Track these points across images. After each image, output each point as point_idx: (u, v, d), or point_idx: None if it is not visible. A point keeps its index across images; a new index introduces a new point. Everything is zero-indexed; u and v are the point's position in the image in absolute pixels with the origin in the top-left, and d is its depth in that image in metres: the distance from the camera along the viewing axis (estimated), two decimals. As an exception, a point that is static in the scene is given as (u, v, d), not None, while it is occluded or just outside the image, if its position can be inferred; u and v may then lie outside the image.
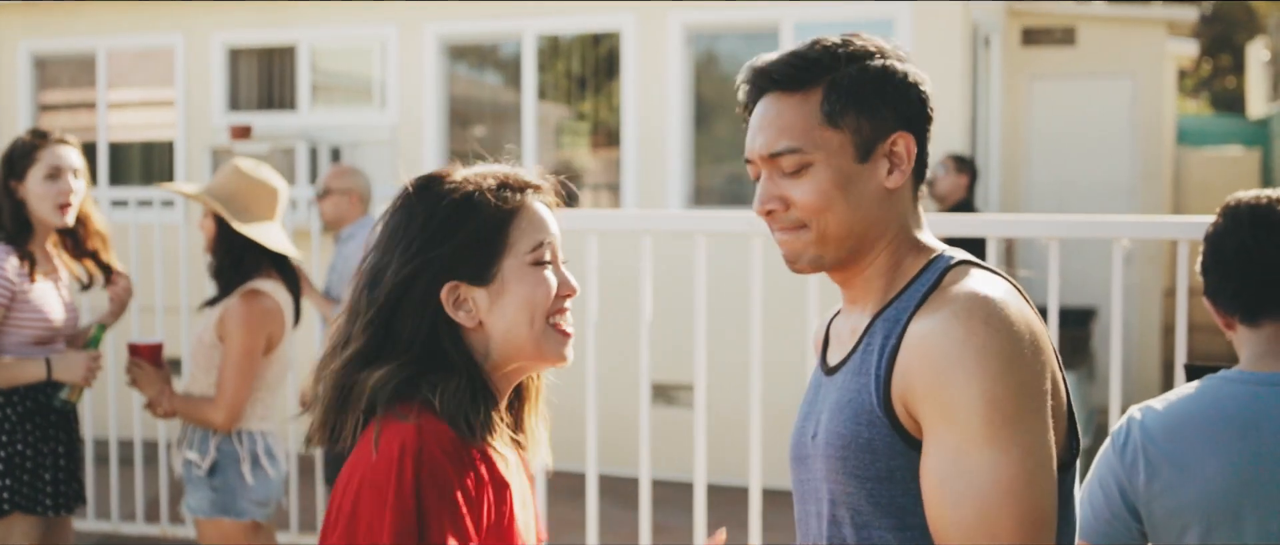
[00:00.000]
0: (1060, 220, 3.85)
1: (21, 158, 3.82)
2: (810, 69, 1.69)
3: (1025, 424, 1.51)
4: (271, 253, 3.88)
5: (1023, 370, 1.53)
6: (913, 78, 1.73)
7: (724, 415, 5.92)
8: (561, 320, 1.79)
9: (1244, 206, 2.29)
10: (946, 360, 1.54)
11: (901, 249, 1.73)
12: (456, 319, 1.73)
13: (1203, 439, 2.19)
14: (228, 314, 3.80)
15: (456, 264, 1.72)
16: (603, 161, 8.55)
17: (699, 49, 8.01)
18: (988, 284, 1.62)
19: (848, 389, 1.67)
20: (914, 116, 1.72)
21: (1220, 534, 2.16)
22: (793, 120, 1.69)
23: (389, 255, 1.74)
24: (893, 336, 1.63)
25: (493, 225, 1.74)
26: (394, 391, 1.67)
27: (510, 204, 1.76)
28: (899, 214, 1.72)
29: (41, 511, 3.82)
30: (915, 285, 1.69)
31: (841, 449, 1.65)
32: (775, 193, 1.71)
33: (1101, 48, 9.54)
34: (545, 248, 1.77)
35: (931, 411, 1.55)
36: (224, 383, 3.77)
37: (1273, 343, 2.24)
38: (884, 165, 1.70)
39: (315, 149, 8.25)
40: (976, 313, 1.55)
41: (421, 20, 8.17)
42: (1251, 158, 12.52)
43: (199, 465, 3.83)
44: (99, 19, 8.82)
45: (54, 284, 3.88)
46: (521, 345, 1.75)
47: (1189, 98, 22.85)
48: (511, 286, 1.74)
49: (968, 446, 1.51)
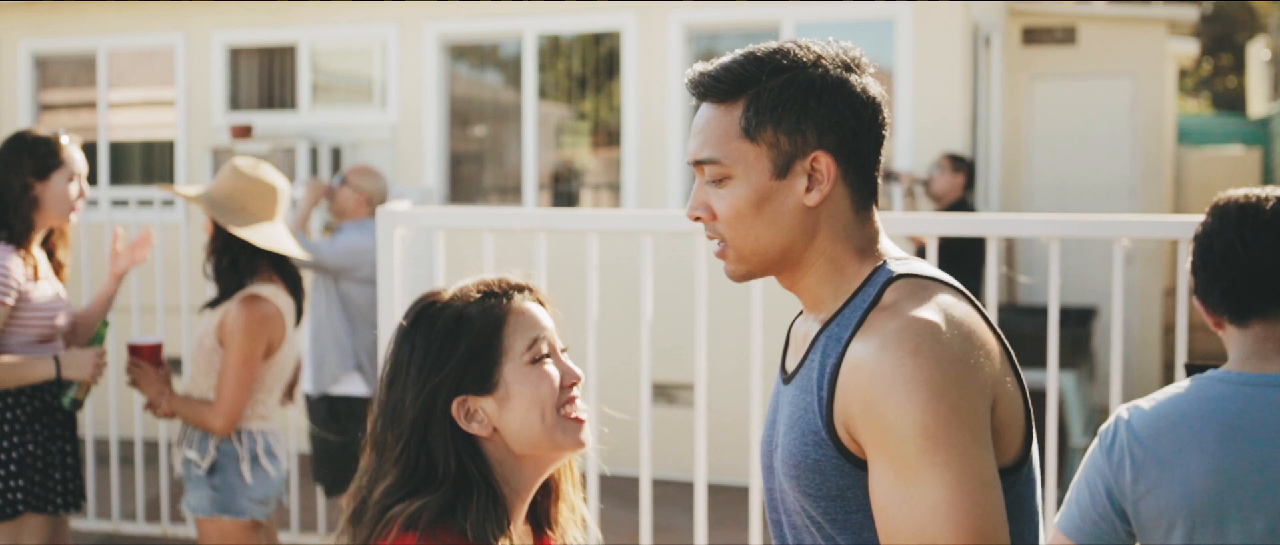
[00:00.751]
0: (1061, 220, 3.85)
1: (49, 157, 3.83)
2: (735, 82, 1.69)
3: (959, 447, 1.51)
4: (271, 252, 3.88)
5: (953, 394, 1.53)
6: (851, 90, 1.68)
7: (725, 415, 5.92)
8: (571, 409, 1.83)
9: (1232, 205, 2.26)
10: (878, 391, 1.54)
11: (840, 259, 1.71)
12: (470, 430, 1.78)
13: (1188, 439, 2.18)
14: (228, 320, 3.81)
15: (460, 380, 1.77)
16: (603, 161, 8.55)
17: (699, 48, 8.00)
18: (921, 305, 1.60)
19: (798, 405, 1.68)
20: (843, 132, 1.67)
21: (1205, 534, 2.16)
22: (716, 131, 1.70)
23: (400, 389, 1.79)
24: (832, 357, 1.64)
25: (485, 336, 1.79)
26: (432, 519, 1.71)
27: (498, 311, 1.81)
28: (829, 228, 1.70)
29: (52, 510, 3.84)
30: (857, 300, 1.68)
31: (794, 468, 1.66)
32: (702, 199, 1.73)
33: (1102, 47, 9.54)
34: (541, 343, 1.81)
35: (869, 440, 1.57)
36: (222, 389, 3.78)
37: (1261, 343, 2.22)
38: (803, 182, 1.68)
39: (316, 149, 8.25)
40: (906, 342, 1.55)
41: (422, 20, 8.17)
42: (1252, 157, 12.51)
43: (198, 464, 3.84)
44: (99, 18, 8.82)
45: (50, 282, 3.89)
46: (537, 441, 1.80)
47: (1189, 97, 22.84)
48: (516, 388, 1.79)
49: (905, 475, 1.53)
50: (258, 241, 3.81)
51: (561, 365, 1.84)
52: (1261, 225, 2.22)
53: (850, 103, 1.68)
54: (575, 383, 1.84)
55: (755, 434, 3.95)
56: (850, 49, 1.72)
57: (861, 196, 1.72)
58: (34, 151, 3.82)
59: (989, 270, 3.78)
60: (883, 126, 1.71)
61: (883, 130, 1.71)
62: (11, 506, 3.75)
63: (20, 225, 3.79)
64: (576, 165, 8.76)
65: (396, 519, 1.71)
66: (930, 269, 1.71)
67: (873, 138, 1.70)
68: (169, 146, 8.84)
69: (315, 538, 5.99)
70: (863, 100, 1.69)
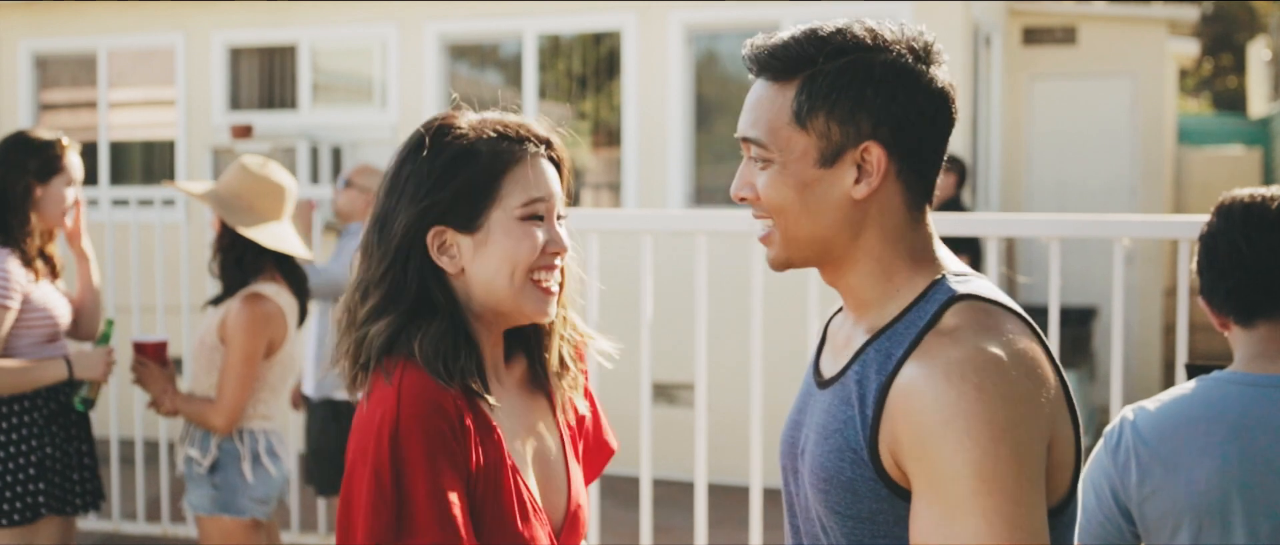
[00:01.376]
0: (1061, 220, 3.85)
1: (52, 162, 3.83)
2: (792, 60, 1.59)
3: (1012, 494, 1.43)
4: (275, 252, 3.88)
5: (1013, 436, 1.44)
6: (916, 80, 1.57)
7: (725, 415, 5.92)
8: (545, 277, 1.79)
9: (1237, 205, 2.26)
10: (934, 424, 1.45)
11: (891, 261, 1.61)
12: (440, 264, 1.76)
13: (1194, 440, 2.18)
14: (229, 318, 3.81)
15: (448, 211, 1.75)
16: (603, 161, 8.55)
17: (700, 48, 8.00)
18: (988, 335, 1.50)
19: (835, 416, 1.59)
20: (901, 124, 1.56)
21: (1211, 534, 2.15)
22: (765, 112, 1.61)
23: (396, 200, 1.77)
24: (882, 374, 1.54)
25: (486, 175, 1.75)
26: (385, 344, 1.73)
27: (508, 155, 1.77)
28: (878, 225, 1.60)
29: (72, 511, 3.86)
30: (912, 315, 1.57)
31: (824, 481, 1.58)
32: (747, 178, 1.66)
33: (1102, 47, 9.54)
34: (538, 203, 1.77)
35: (919, 473, 1.48)
36: (224, 388, 3.78)
37: (1266, 344, 2.22)
38: (852, 173, 1.58)
39: (316, 148, 8.25)
40: (970, 375, 1.45)
41: (422, 19, 8.17)
42: (1252, 157, 12.51)
43: (200, 463, 3.84)
44: (100, 18, 8.82)
45: (50, 282, 3.90)
46: (500, 298, 1.77)
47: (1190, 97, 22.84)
48: (496, 237, 1.75)
49: (953, 515, 1.44)
50: (264, 241, 3.81)
51: (551, 231, 1.79)
52: (1267, 225, 2.21)
53: (912, 93, 1.57)
54: (559, 252, 1.80)
55: (756, 434, 3.95)
56: (923, 35, 1.61)
57: (916, 195, 1.61)
58: (39, 154, 3.82)
59: (989, 270, 3.78)
60: (949, 123, 1.61)
61: (948, 126, 1.61)
62: (33, 509, 3.76)
63: (19, 226, 3.79)
64: (577, 165, 8.75)
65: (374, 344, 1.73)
66: (994, 291, 1.60)
67: (935, 133, 1.59)
68: (169, 146, 8.84)
69: (315, 537, 5.99)
70: (928, 92, 1.58)
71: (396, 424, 1.64)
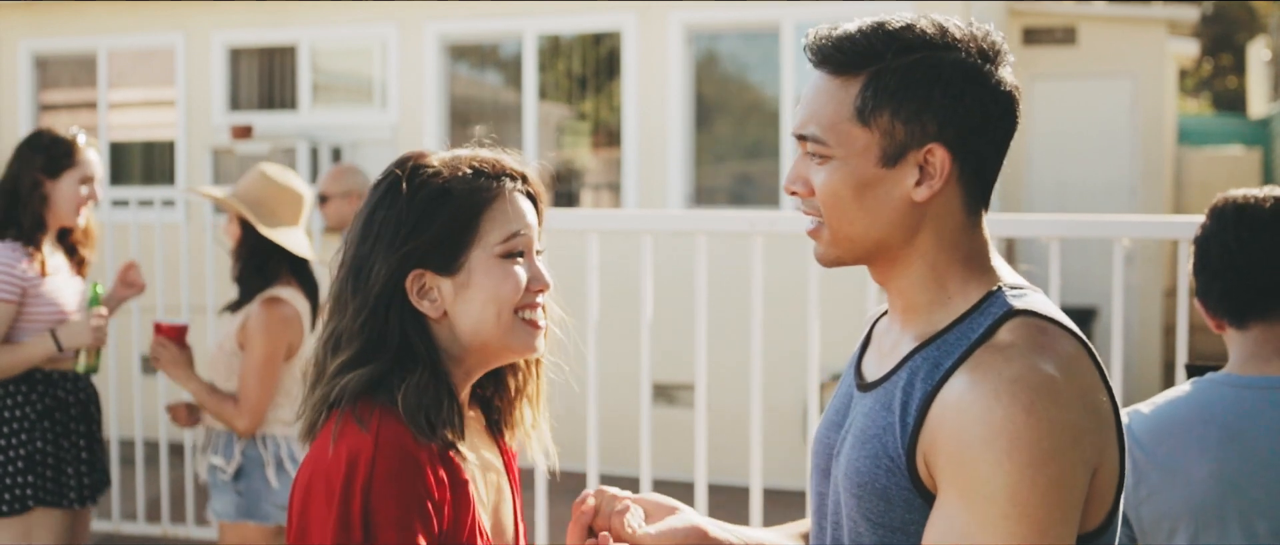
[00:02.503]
0: (1061, 220, 3.85)
1: (62, 157, 3.87)
2: (855, 55, 1.53)
3: (1041, 525, 1.39)
4: (292, 258, 3.90)
5: (1055, 466, 1.40)
6: (984, 81, 1.52)
7: (725, 415, 5.92)
8: (531, 314, 1.74)
9: (1229, 207, 2.25)
10: (976, 440, 1.41)
11: (945, 267, 1.57)
12: (421, 309, 1.69)
13: (1190, 442, 2.17)
14: (250, 321, 3.82)
15: (426, 255, 1.68)
16: (603, 161, 8.55)
17: (700, 49, 8.00)
18: (1044, 355, 1.45)
19: (875, 421, 1.55)
20: (967, 126, 1.52)
21: (1208, 536, 2.15)
22: (824, 107, 1.55)
23: (371, 246, 1.70)
24: (929, 383, 1.50)
25: (464, 215, 1.69)
26: (358, 389, 1.65)
27: (484, 193, 1.71)
28: (934, 229, 1.55)
29: (67, 504, 3.87)
30: (965, 326, 1.53)
31: (859, 487, 1.54)
32: (801, 173, 1.59)
33: (1102, 47, 9.54)
34: (518, 239, 1.72)
35: (950, 483, 1.44)
36: (246, 388, 3.79)
37: (1260, 345, 2.21)
38: (913, 174, 1.52)
39: (316, 149, 8.25)
40: (1021, 396, 1.40)
41: (422, 20, 8.17)
42: (1252, 157, 12.51)
43: (224, 470, 3.85)
44: (100, 18, 8.82)
45: (63, 278, 3.93)
46: (488, 339, 1.71)
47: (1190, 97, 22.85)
48: (478, 278, 1.70)
49: (978, 533, 1.41)
50: (291, 247, 3.83)
51: (532, 267, 1.74)
52: (1259, 226, 2.20)
53: (979, 95, 1.52)
54: (542, 289, 1.74)
55: (755, 434, 3.95)
56: (990, 34, 1.55)
57: (975, 200, 1.57)
58: (47, 150, 3.87)
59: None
60: (1013, 126, 1.56)
61: (1012, 130, 1.56)
62: (20, 501, 3.78)
63: (30, 222, 3.83)
64: (577, 165, 8.75)
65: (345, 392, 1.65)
66: (1052, 308, 1.55)
67: (999, 137, 1.55)
68: (169, 147, 8.84)
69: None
70: (994, 94, 1.53)
71: (370, 475, 1.58)
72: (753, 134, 8.08)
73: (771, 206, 7.64)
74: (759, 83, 8.16)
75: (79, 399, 3.94)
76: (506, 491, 1.84)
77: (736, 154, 8.21)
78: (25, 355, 3.77)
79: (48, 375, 3.87)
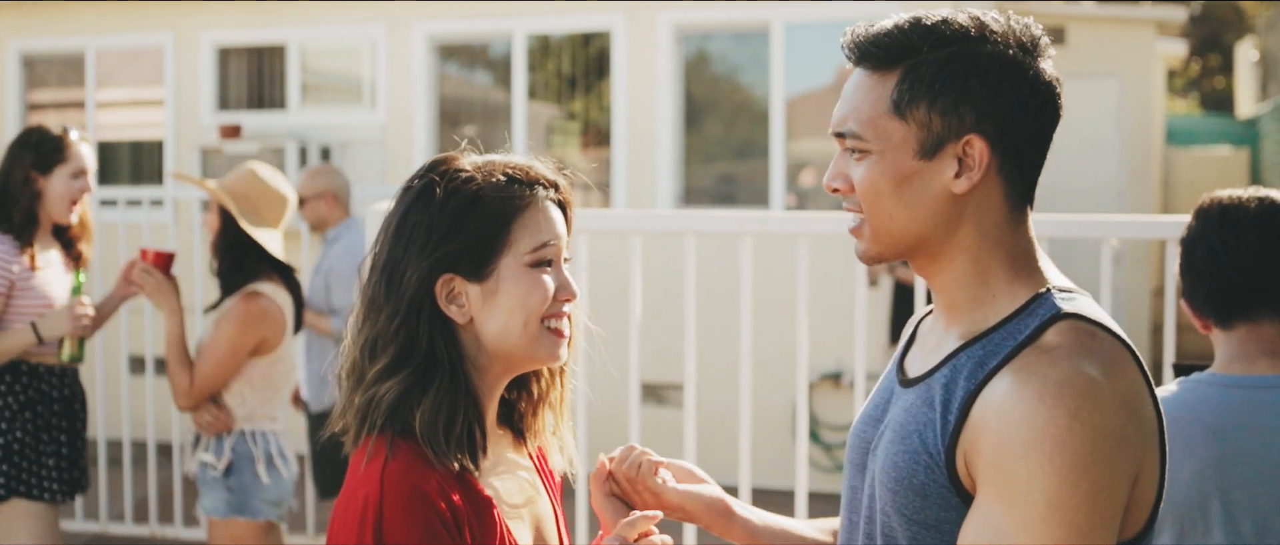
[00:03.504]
0: (1049, 220, 3.86)
1: (53, 152, 3.90)
2: (892, 49, 1.54)
3: (1081, 530, 1.40)
4: (274, 258, 3.90)
5: (1098, 472, 1.40)
6: (1022, 73, 1.53)
7: (714, 415, 5.93)
8: (557, 323, 1.73)
9: (1215, 208, 2.26)
10: (1020, 442, 1.41)
11: (989, 265, 1.57)
12: (448, 313, 1.68)
13: (1175, 442, 2.17)
14: (225, 311, 3.82)
15: (457, 260, 1.67)
16: (593, 161, 8.55)
17: (689, 49, 8.01)
18: (1091, 359, 1.45)
19: (915, 417, 1.55)
20: (1005, 119, 1.52)
21: (1193, 536, 2.16)
22: (862, 102, 1.56)
23: (403, 249, 1.68)
24: (972, 382, 1.49)
25: (497, 222, 1.68)
26: (391, 407, 1.65)
27: (517, 200, 1.70)
28: (975, 223, 1.55)
29: (48, 498, 3.86)
30: (1012, 326, 1.53)
31: (894, 482, 1.54)
32: (841, 170, 1.59)
33: (1091, 47, 9.56)
34: (548, 249, 1.71)
35: (990, 483, 1.44)
36: (199, 369, 3.78)
37: (1245, 345, 2.22)
38: (952, 166, 1.53)
39: (305, 148, 8.23)
40: (1067, 400, 1.40)
41: (411, 19, 8.16)
42: (1240, 157, 12.55)
43: (215, 466, 3.85)
44: (88, 18, 8.80)
45: (55, 272, 3.94)
46: (512, 347, 1.70)
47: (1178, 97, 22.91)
48: (506, 286, 1.68)
49: (1014, 536, 1.41)
50: (269, 246, 3.83)
51: (560, 277, 1.73)
52: (1245, 227, 2.21)
53: (1018, 87, 1.52)
54: (569, 299, 1.73)
55: (744, 434, 3.95)
56: (1030, 27, 1.56)
57: (1017, 195, 1.57)
58: (38, 147, 3.91)
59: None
60: (1055, 118, 1.56)
61: (1054, 122, 1.57)
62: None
63: (21, 218, 3.86)
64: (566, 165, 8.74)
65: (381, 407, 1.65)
66: (1101, 313, 1.55)
67: (1039, 130, 1.55)
68: (157, 146, 8.82)
69: (304, 538, 5.97)
70: (1033, 86, 1.53)
71: (380, 517, 1.58)
72: (742, 134, 8.08)
73: (761, 206, 7.65)
74: (749, 83, 8.17)
75: (63, 395, 3.95)
76: (542, 492, 1.83)
77: (726, 154, 8.22)
78: (4, 346, 3.79)
79: (33, 368, 3.88)
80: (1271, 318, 2.21)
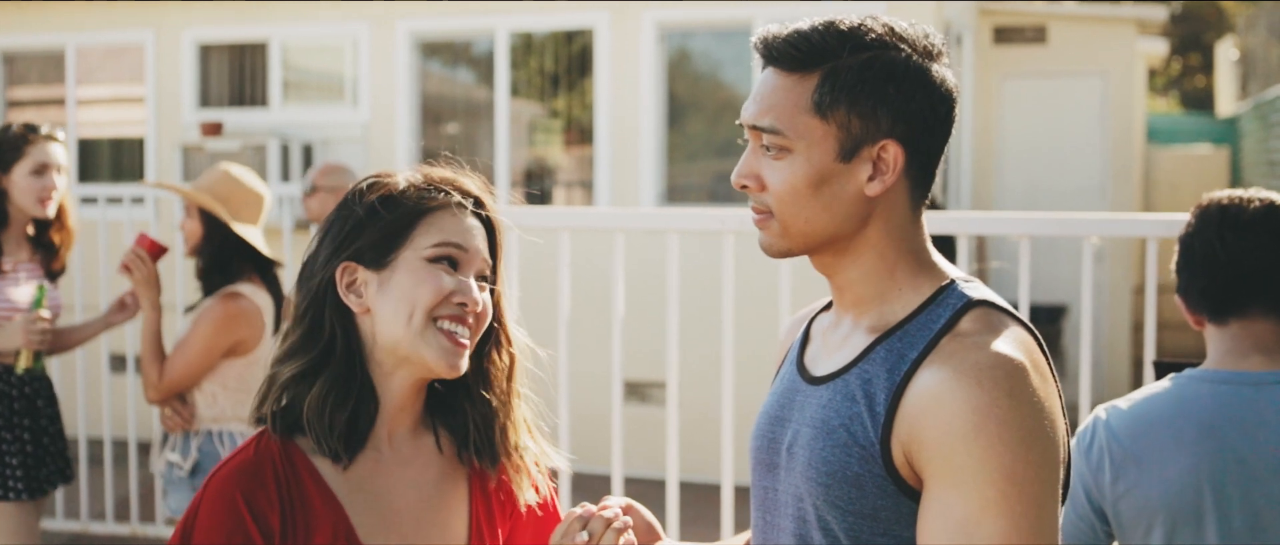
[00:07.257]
0: (1031, 218, 3.87)
1: (10, 151, 3.86)
2: (813, 52, 1.57)
3: (1038, 498, 1.45)
4: (257, 257, 3.88)
5: (1042, 445, 1.46)
6: (931, 80, 1.58)
7: (696, 412, 5.93)
8: (451, 326, 1.71)
9: (1214, 207, 2.30)
10: (964, 427, 1.45)
11: (891, 258, 1.61)
12: (346, 302, 1.72)
13: (1167, 438, 2.20)
14: (203, 310, 3.81)
15: (362, 250, 1.72)
16: (575, 159, 8.55)
17: (672, 47, 8.01)
18: (1012, 343, 1.52)
19: (838, 412, 1.57)
20: (917, 123, 1.57)
21: (1185, 533, 2.17)
22: (782, 100, 1.58)
23: (319, 246, 1.76)
24: (898, 375, 1.53)
25: (404, 217, 1.72)
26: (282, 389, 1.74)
27: (429, 200, 1.73)
28: (883, 221, 1.60)
29: (12, 497, 3.82)
30: (924, 317, 1.58)
31: (826, 476, 1.56)
32: (753, 168, 1.62)
33: (1072, 46, 9.59)
34: (450, 248, 1.72)
35: (940, 474, 1.47)
36: (171, 363, 3.77)
37: (1238, 341, 2.25)
38: (867, 169, 1.57)
39: (287, 146, 8.21)
40: (1001, 381, 1.46)
41: (393, 17, 8.15)
42: (1220, 156, 12.59)
43: (181, 466, 3.83)
44: (68, 15, 8.75)
45: (27, 273, 3.90)
46: (398, 340, 1.70)
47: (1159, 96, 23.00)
48: (399, 277, 1.70)
49: (979, 518, 1.44)
50: (256, 243, 3.82)
51: (462, 283, 1.71)
52: (1243, 227, 2.25)
53: (928, 93, 1.58)
54: (466, 304, 1.71)
55: (727, 432, 3.95)
56: (931, 35, 1.62)
57: (919, 195, 1.63)
58: None
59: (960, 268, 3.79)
60: (952, 124, 1.62)
61: (951, 129, 1.63)
62: None
63: None
64: (549, 163, 8.75)
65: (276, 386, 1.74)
66: (999, 297, 1.62)
67: (943, 133, 1.61)
68: (138, 144, 8.78)
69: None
70: (940, 92, 1.59)
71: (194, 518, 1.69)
72: (725, 132, 8.09)
73: (743, 204, 7.63)
74: (731, 81, 8.17)
75: (23, 393, 3.90)
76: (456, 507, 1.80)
77: (709, 152, 8.22)
78: None
79: None
80: (1265, 315, 2.24)
